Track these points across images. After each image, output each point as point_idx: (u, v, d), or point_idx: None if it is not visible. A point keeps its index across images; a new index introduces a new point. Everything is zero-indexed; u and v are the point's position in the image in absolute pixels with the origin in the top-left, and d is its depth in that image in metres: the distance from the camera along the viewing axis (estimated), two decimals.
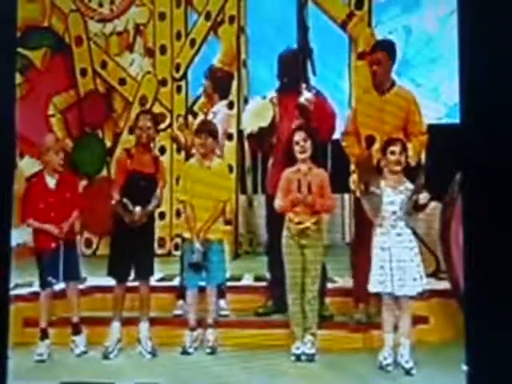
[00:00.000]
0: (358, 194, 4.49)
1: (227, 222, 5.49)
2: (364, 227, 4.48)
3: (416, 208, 4.23)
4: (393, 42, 4.85)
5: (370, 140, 4.59)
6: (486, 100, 3.09)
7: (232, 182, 4.96)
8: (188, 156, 5.04)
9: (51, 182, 4.65)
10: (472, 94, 3.12)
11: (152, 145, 4.94)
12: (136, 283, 4.66)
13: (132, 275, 4.65)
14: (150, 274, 4.68)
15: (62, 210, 4.61)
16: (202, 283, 4.63)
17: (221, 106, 5.17)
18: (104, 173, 7.06)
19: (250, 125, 4.81)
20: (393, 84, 4.72)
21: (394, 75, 4.77)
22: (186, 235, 4.64)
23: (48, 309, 4.61)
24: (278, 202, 4.43)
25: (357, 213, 4.78)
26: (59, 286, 4.63)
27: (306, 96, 4.79)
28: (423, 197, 4.18)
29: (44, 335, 4.54)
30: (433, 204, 4.50)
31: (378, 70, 4.66)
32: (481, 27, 3.07)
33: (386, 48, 4.74)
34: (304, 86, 4.98)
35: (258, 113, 4.81)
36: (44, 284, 4.56)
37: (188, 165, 4.79)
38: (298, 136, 4.42)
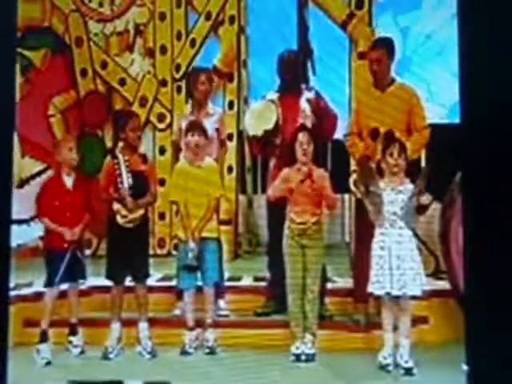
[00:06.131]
0: (358, 195, 4.48)
1: (225, 222, 5.47)
2: (365, 228, 4.48)
3: (418, 210, 4.22)
4: (391, 39, 4.86)
5: (375, 133, 4.59)
6: (486, 100, 3.08)
7: (221, 180, 4.92)
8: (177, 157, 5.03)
9: (68, 181, 4.63)
10: (472, 93, 3.12)
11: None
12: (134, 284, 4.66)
13: (130, 277, 4.65)
14: (145, 276, 4.67)
15: (77, 210, 4.60)
16: (199, 283, 4.62)
17: (214, 108, 5.19)
18: None
19: (255, 128, 4.78)
20: (393, 80, 4.74)
21: (393, 73, 4.79)
22: (181, 235, 4.64)
23: (51, 309, 4.57)
24: (272, 189, 4.42)
25: (357, 213, 4.78)
26: (64, 286, 4.61)
27: (307, 96, 4.81)
28: (425, 198, 4.17)
29: (44, 337, 4.49)
30: (433, 204, 4.49)
31: (377, 69, 4.67)
32: (481, 27, 3.07)
33: (384, 45, 4.76)
34: (304, 86, 5.00)
35: (262, 115, 4.78)
36: (51, 283, 4.52)
37: (179, 165, 4.78)
38: (302, 137, 4.41)
